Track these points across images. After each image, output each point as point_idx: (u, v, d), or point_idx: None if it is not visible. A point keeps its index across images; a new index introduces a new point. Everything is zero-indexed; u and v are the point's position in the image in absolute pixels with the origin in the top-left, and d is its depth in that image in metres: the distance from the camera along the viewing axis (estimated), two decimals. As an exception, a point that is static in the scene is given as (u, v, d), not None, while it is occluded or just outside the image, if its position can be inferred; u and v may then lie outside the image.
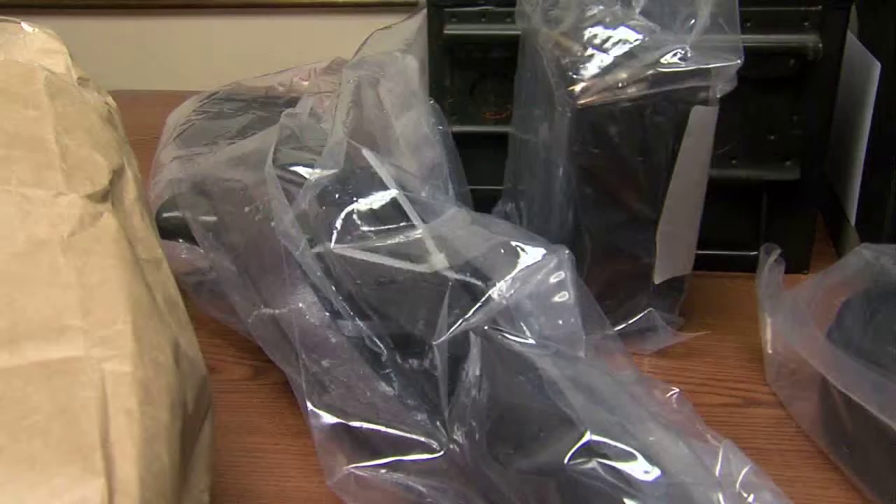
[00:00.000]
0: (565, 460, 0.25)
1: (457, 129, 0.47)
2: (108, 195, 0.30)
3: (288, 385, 0.35)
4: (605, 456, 0.25)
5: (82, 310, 0.24)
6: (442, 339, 0.31)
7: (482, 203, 0.46)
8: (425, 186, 0.39)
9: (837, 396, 0.32)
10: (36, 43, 0.39)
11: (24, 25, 0.39)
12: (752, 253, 0.44)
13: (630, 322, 0.40)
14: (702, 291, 0.44)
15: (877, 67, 0.42)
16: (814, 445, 0.34)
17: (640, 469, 0.24)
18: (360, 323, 0.34)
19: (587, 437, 0.25)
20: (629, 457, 0.24)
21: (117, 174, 0.32)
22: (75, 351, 0.22)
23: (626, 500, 0.23)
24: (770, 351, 0.37)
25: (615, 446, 0.25)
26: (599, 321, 0.34)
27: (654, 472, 0.24)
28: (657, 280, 0.40)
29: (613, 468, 0.24)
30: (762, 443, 0.35)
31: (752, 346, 0.40)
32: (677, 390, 0.32)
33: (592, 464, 0.24)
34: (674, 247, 0.40)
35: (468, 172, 0.48)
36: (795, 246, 0.45)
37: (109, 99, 0.39)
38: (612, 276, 0.40)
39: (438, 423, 0.31)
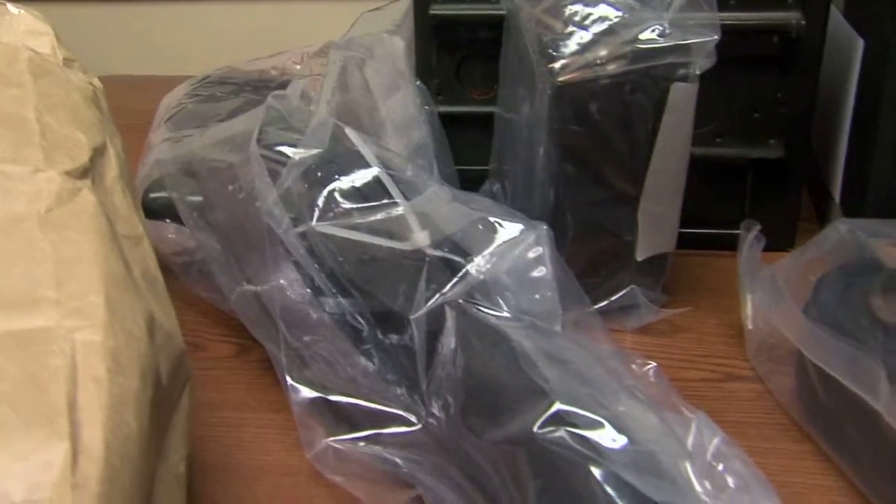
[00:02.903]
0: (534, 429, 0.25)
1: (443, 109, 0.48)
2: (87, 172, 0.30)
3: (271, 362, 0.36)
4: (573, 425, 0.25)
5: (56, 282, 0.24)
6: (419, 313, 0.31)
7: (469, 183, 0.46)
8: (409, 165, 0.39)
9: (813, 370, 0.32)
10: (22, 24, 0.39)
11: (10, 7, 0.39)
12: (736, 231, 0.44)
13: (613, 299, 0.40)
14: (687, 269, 0.44)
15: (860, 44, 0.42)
16: (790, 419, 0.35)
17: (607, 437, 0.24)
18: (342, 300, 0.34)
19: (556, 406, 0.25)
20: (597, 425, 0.25)
21: (98, 152, 0.32)
22: (47, 321, 0.23)
23: (591, 467, 0.24)
24: (750, 327, 0.38)
25: (584, 415, 0.25)
26: (579, 298, 0.34)
27: (621, 441, 0.24)
28: (639, 257, 0.40)
29: (581, 436, 0.24)
30: (740, 416, 0.35)
31: (734, 323, 0.40)
32: (654, 364, 0.32)
33: (561, 432, 0.25)
34: (656, 224, 0.40)
35: (455, 153, 0.48)
36: (780, 223, 0.45)
37: (95, 80, 0.39)
38: (595, 254, 0.40)
39: (416, 397, 0.31)
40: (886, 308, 0.30)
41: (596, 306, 0.40)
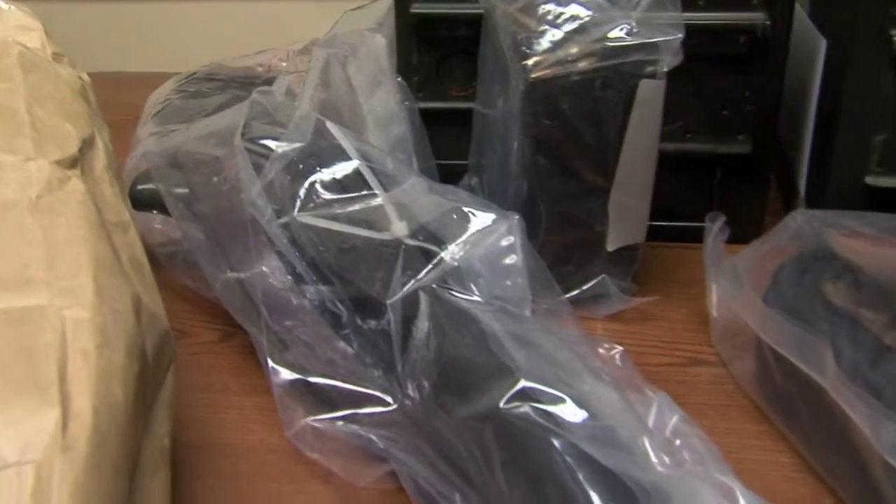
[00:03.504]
0: (501, 405, 0.26)
1: (424, 105, 0.49)
2: (76, 162, 0.31)
3: (254, 348, 0.37)
4: (537, 401, 0.26)
5: (47, 264, 0.25)
6: (395, 298, 0.32)
7: (449, 177, 0.48)
8: (388, 159, 0.40)
9: (769, 353, 0.33)
10: (12, 20, 0.40)
11: (0, 3, 0.40)
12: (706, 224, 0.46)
13: (584, 288, 0.42)
14: (657, 260, 0.46)
15: (823, 44, 0.44)
16: (750, 401, 0.36)
17: (568, 412, 0.26)
18: (322, 287, 0.35)
19: (521, 383, 0.27)
20: (559, 401, 0.26)
21: (87, 143, 0.33)
22: (39, 300, 0.24)
23: (552, 439, 0.25)
24: (715, 314, 0.39)
25: (547, 392, 0.27)
26: (550, 286, 0.35)
27: (582, 415, 0.26)
28: (610, 248, 0.42)
29: (544, 411, 0.26)
30: (702, 399, 0.37)
31: (701, 312, 0.41)
32: (620, 348, 0.34)
33: (525, 408, 0.26)
34: (626, 215, 0.41)
35: (435, 148, 0.50)
36: (748, 216, 0.47)
37: (84, 74, 0.41)
38: (567, 244, 0.41)
39: (392, 379, 0.33)
40: (837, 294, 0.32)
41: (568, 295, 0.42)
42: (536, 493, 0.25)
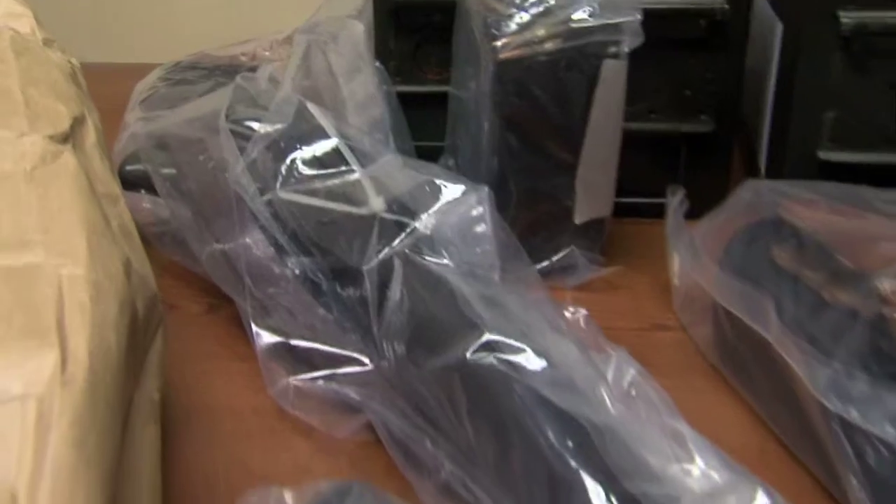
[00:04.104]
0: (467, 356, 0.29)
1: (401, 88, 0.51)
2: (68, 138, 0.33)
3: (240, 319, 0.39)
4: (500, 351, 0.28)
5: (42, 228, 0.27)
6: (371, 264, 0.35)
7: (426, 159, 0.49)
8: (366, 138, 0.42)
9: (723, 315, 0.36)
10: (2, 6, 0.42)
11: (-11, -10, 0.42)
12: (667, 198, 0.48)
13: (554, 259, 0.44)
14: (624, 235, 0.48)
15: (779, 27, 0.46)
16: (707, 362, 0.38)
17: (528, 361, 0.28)
18: (303, 258, 0.37)
19: (486, 336, 0.29)
20: (520, 351, 0.28)
21: (78, 121, 0.35)
22: (36, 259, 0.26)
23: (513, 385, 0.27)
24: (676, 283, 0.41)
25: (509, 343, 0.29)
26: (519, 256, 0.38)
27: (542, 364, 0.28)
28: (578, 221, 0.44)
29: (506, 360, 0.28)
30: (663, 360, 0.39)
31: (664, 282, 0.44)
32: (585, 311, 0.36)
33: (489, 358, 0.28)
34: (592, 190, 0.43)
35: (413, 130, 0.52)
36: (711, 192, 0.48)
37: (73, 59, 0.42)
38: (536, 218, 0.43)
39: (369, 342, 0.35)
40: (782, 256, 0.34)
41: (538, 266, 0.44)
42: (499, 435, 0.27)
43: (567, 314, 0.36)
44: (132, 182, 0.47)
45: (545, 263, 0.44)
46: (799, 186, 0.36)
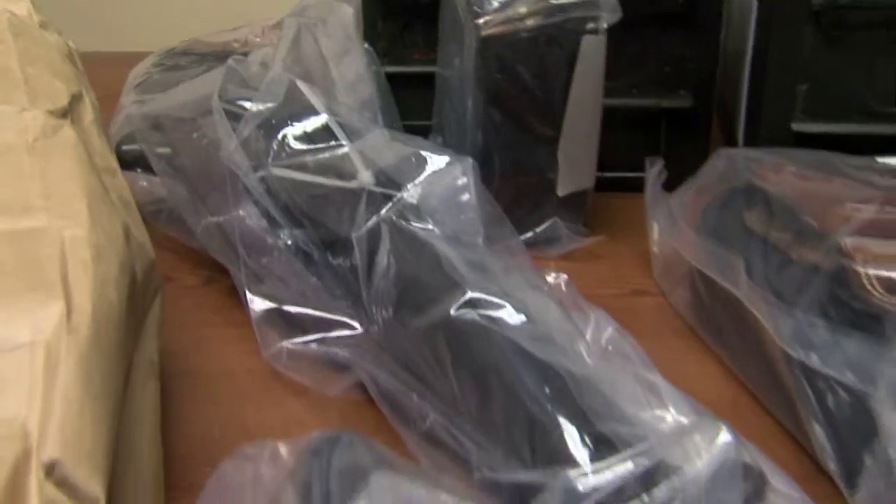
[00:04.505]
0: (451, 312, 0.30)
1: (389, 69, 0.52)
2: (67, 113, 0.35)
3: (235, 291, 0.40)
4: (482, 307, 0.30)
5: (44, 195, 0.29)
6: (360, 232, 0.36)
7: (415, 137, 0.51)
8: (355, 115, 0.44)
9: (699, 277, 0.37)
10: (0, -9, 0.43)
11: (-14, -26, 0.43)
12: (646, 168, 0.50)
13: (538, 231, 0.45)
14: (607, 208, 0.49)
15: (755, 4, 0.48)
16: (685, 324, 0.40)
17: (509, 315, 0.30)
18: (296, 231, 0.39)
19: (469, 294, 0.30)
20: (501, 307, 0.30)
21: (76, 98, 0.37)
22: (39, 223, 0.27)
23: (495, 338, 0.29)
24: (656, 250, 0.43)
25: (491, 300, 0.30)
26: (504, 227, 0.39)
27: (521, 318, 0.30)
28: (561, 193, 0.45)
29: (488, 315, 0.30)
30: (642, 323, 0.40)
31: (645, 251, 0.45)
32: (565, 276, 0.37)
33: (472, 314, 0.30)
34: (574, 163, 0.45)
35: (401, 110, 0.53)
36: (691, 165, 0.50)
37: (70, 41, 0.44)
38: (520, 190, 0.45)
39: (359, 308, 0.36)
40: (752, 219, 0.35)
41: (522, 237, 0.45)
42: (481, 385, 0.29)
43: (549, 279, 0.38)
44: (128, 162, 0.48)
45: (529, 234, 0.45)
46: (769, 153, 0.38)
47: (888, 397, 0.24)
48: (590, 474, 0.24)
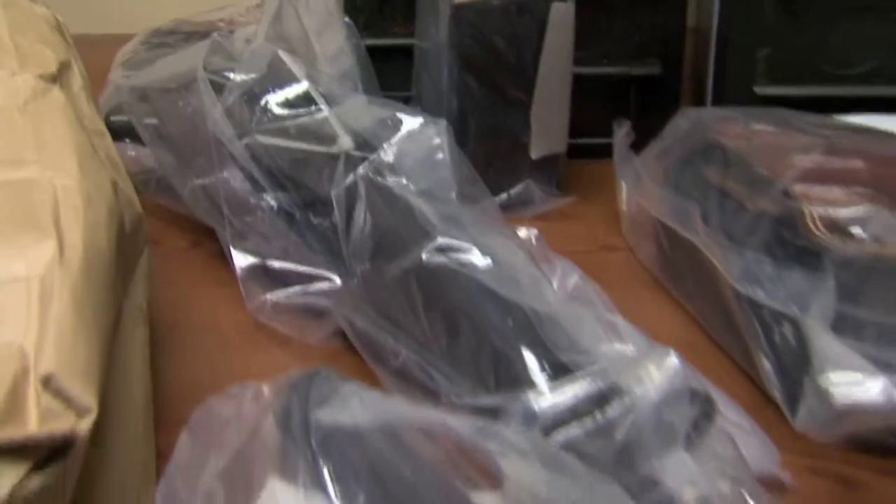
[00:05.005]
0: (422, 257, 0.32)
1: (369, 42, 0.54)
2: (56, 79, 0.36)
3: (222, 253, 0.42)
4: (452, 252, 0.32)
5: (37, 150, 0.30)
6: (338, 190, 0.38)
7: (394, 108, 0.53)
8: (335, 83, 0.45)
9: (661, 230, 0.39)
10: (-11, -33, 0.45)
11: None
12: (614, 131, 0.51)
13: (512, 192, 0.47)
14: (579, 173, 0.51)
15: (719, -26, 0.50)
16: (651, 276, 0.42)
17: (476, 259, 0.31)
18: (279, 193, 0.41)
19: (439, 240, 0.32)
20: (469, 251, 0.32)
21: (64, 66, 0.38)
22: (32, 174, 0.29)
23: (463, 279, 0.31)
24: (624, 208, 0.45)
25: (460, 245, 0.32)
26: (479, 188, 0.41)
27: (487, 261, 0.31)
28: (534, 155, 0.47)
29: (457, 259, 0.31)
30: (609, 275, 0.41)
31: (615, 212, 0.47)
32: (536, 231, 0.39)
33: (441, 258, 0.32)
34: (546, 127, 0.47)
35: (381, 81, 0.55)
36: (661, 131, 0.52)
37: (58, 15, 0.45)
38: (495, 153, 0.47)
39: (340, 263, 0.38)
40: (712, 172, 0.37)
41: (497, 199, 0.47)
42: (450, 323, 0.31)
43: (520, 233, 0.40)
44: (117, 132, 0.49)
45: (504, 196, 0.47)
46: (729, 111, 0.40)
47: (819, 321, 0.26)
48: (547, 395, 0.26)
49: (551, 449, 0.24)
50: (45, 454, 0.20)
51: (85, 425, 0.21)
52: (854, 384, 0.24)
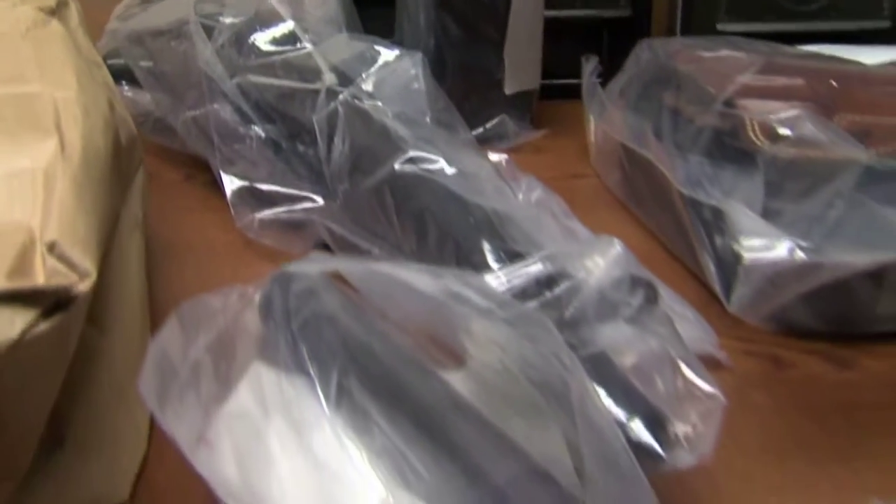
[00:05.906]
0: (395, 167, 0.35)
1: (353, -11, 0.56)
2: (54, 12, 0.39)
3: (215, 184, 0.45)
4: (421, 162, 0.35)
5: (38, 69, 0.33)
6: (320, 115, 0.41)
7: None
8: (320, 23, 0.48)
9: (623, 152, 0.42)
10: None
11: None
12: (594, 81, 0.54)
13: (487, 127, 0.50)
14: (553, 111, 0.54)
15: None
16: (617, 200, 0.45)
17: (443, 167, 0.34)
18: (266, 125, 0.43)
19: (410, 153, 0.35)
20: (437, 161, 0.35)
21: (62, 3, 0.41)
22: (34, 89, 0.32)
23: (430, 184, 0.33)
24: (592, 139, 0.48)
25: (429, 157, 0.35)
26: (451, 113, 0.43)
27: (453, 170, 0.34)
28: (508, 91, 0.50)
29: (426, 168, 0.34)
30: (577, 199, 0.44)
31: (585, 146, 0.50)
32: (506, 155, 0.42)
33: (413, 168, 0.34)
34: (520, 64, 0.49)
35: (365, 29, 0.57)
36: (631, 71, 0.55)
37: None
38: (471, 89, 0.49)
39: (323, 184, 0.41)
40: (667, 96, 0.40)
41: (473, 132, 0.50)
42: (419, 226, 0.33)
43: (490, 156, 0.42)
44: (114, 74, 0.52)
45: (479, 130, 0.50)
46: (686, 41, 0.42)
47: (739, 203, 0.29)
48: (501, 277, 0.29)
49: (516, 308, 0.26)
50: (51, 305, 0.23)
51: (84, 286, 0.24)
52: (763, 247, 0.27)
